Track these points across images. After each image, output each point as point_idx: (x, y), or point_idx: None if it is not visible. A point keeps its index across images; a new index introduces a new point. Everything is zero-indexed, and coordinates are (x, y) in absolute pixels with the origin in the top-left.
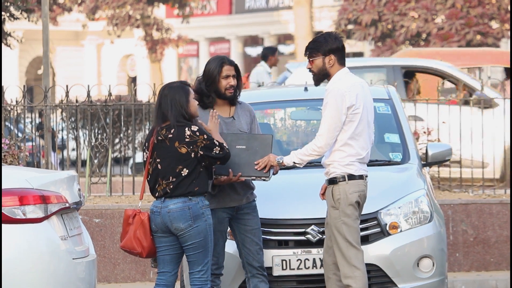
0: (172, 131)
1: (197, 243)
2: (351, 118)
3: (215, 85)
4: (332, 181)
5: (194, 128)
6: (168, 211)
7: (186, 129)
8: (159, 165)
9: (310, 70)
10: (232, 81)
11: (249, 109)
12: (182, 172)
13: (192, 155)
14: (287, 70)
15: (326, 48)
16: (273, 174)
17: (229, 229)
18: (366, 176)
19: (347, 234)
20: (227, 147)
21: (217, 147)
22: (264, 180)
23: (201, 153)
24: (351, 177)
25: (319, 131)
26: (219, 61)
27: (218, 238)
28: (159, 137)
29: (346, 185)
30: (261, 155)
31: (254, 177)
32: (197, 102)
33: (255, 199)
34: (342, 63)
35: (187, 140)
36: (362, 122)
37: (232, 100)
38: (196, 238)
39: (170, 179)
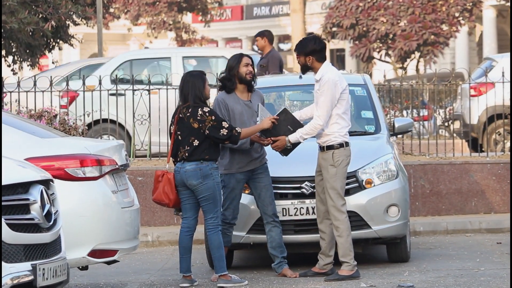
0: (189, 110)
1: (207, 196)
2: (342, 97)
3: (237, 71)
4: (331, 147)
5: (206, 109)
6: (185, 171)
7: (199, 109)
8: (179, 137)
9: (299, 62)
10: (251, 68)
11: (260, 95)
12: (194, 142)
13: (201, 131)
14: (490, 59)
15: (306, 51)
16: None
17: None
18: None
19: (339, 188)
20: (238, 131)
21: (224, 129)
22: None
23: (208, 132)
24: (347, 144)
25: (318, 112)
26: (239, 54)
27: (236, 195)
28: (180, 115)
29: (344, 150)
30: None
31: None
32: (209, 89)
33: (267, 161)
34: (320, 60)
35: (198, 118)
36: (348, 101)
37: (250, 86)
38: (206, 192)
39: (186, 148)
